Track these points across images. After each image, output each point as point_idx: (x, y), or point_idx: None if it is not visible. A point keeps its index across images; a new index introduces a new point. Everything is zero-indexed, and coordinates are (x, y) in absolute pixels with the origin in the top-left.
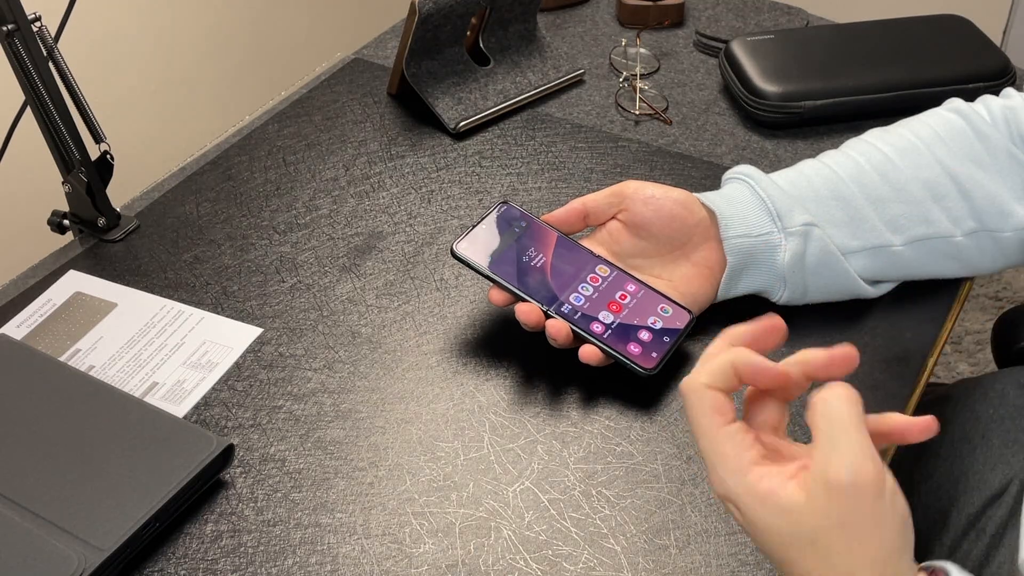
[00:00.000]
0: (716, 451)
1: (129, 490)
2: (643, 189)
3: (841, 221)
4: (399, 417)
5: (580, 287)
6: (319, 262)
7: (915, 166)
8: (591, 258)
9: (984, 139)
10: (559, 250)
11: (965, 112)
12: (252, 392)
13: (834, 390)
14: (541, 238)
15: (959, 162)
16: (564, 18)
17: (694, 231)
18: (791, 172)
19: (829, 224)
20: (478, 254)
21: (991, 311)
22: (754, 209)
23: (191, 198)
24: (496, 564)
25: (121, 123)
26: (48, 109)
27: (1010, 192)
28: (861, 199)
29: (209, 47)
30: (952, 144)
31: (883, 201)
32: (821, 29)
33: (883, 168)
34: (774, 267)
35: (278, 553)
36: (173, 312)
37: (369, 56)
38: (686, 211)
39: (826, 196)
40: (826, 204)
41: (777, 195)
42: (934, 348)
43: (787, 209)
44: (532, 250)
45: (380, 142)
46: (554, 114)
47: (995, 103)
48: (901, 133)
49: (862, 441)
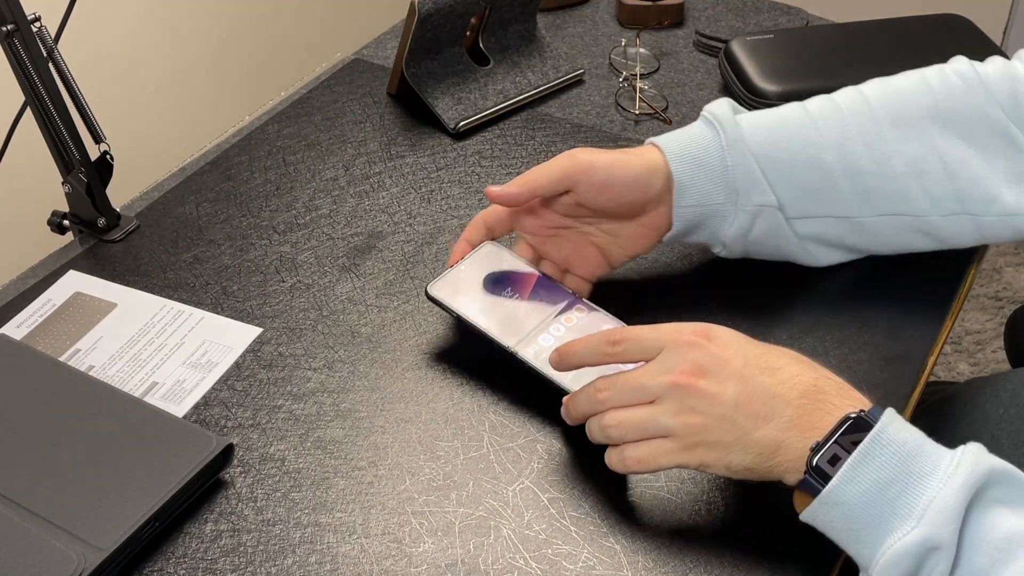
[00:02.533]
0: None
1: (129, 490)
2: (594, 172)
3: (811, 187)
4: (399, 416)
5: (552, 328)
6: (319, 262)
7: (903, 138)
8: (570, 298)
9: (983, 118)
10: (537, 290)
11: (971, 82)
12: (252, 392)
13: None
14: (519, 279)
15: (951, 140)
16: (564, 18)
17: (648, 204)
18: (774, 123)
19: (797, 188)
20: (451, 294)
21: (991, 311)
22: (715, 180)
23: (191, 198)
24: (496, 563)
25: (121, 123)
26: (48, 109)
27: (1000, 175)
28: (838, 170)
29: (209, 47)
30: (948, 119)
31: (861, 172)
32: (821, 29)
33: (869, 137)
34: (717, 233)
35: (278, 552)
36: (173, 312)
37: (369, 56)
38: (641, 192)
39: (802, 161)
40: (800, 169)
41: (744, 166)
42: (934, 348)
43: (748, 187)
44: (509, 290)
45: (380, 142)
46: (554, 114)
47: (1005, 73)
48: (899, 95)
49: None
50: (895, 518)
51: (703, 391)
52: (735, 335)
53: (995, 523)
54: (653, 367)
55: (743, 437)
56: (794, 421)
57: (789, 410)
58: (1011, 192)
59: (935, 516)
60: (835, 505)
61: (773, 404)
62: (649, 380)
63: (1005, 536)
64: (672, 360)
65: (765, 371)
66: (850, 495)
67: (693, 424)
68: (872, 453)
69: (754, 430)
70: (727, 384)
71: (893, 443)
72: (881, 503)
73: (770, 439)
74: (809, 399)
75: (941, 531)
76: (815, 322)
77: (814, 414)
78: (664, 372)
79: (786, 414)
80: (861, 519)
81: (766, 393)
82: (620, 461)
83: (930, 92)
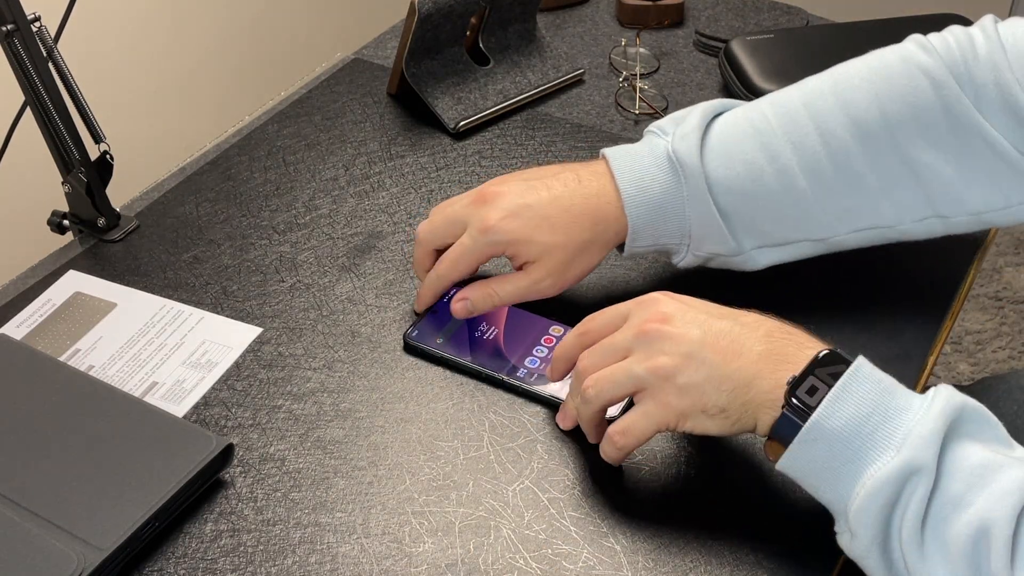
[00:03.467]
0: None
1: (129, 489)
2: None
3: (789, 216)
4: (399, 416)
5: (535, 351)
6: (319, 262)
7: (875, 152)
8: (544, 322)
9: (952, 117)
10: (511, 320)
11: (939, 80)
12: (252, 392)
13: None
14: (492, 312)
15: (920, 148)
16: (564, 18)
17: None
18: (748, 155)
19: (767, 227)
20: (430, 339)
21: (991, 311)
22: (670, 225)
23: (191, 198)
24: (496, 563)
25: (121, 123)
26: (48, 109)
27: (968, 175)
28: (811, 197)
29: (209, 47)
30: (917, 124)
31: (835, 194)
32: (821, 29)
33: (839, 158)
34: (668, 256)
35: (278, 552)
36: (173, 312)
37: (369, 56)
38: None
39: (777, 191)
40: (776, 199)
41: (703, 220)
42: (934, 348)
43: (703, 236)
44: (484, 325)
45: (380, 142)
46: (554, 114)
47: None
48: (865, 106)
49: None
50: (875, 449)
51: (668, 333)
52: (696, 299)
53: (968, 453)
54: (622, 327)
55: (713, 373)
56: (764, 354)
57: (759, 345)
58: (980, 191)
59: (916, 441)
60: (816, 440)
61: (741, 340)
62: (618, 336)
63: (979, 463)
64: (637, 315)
65: (727, 316)
66: (832, 426)
67: (663, 367)
68: (853, 385)
69: (724, 364)
70: (691, 327)
71: (872, 378)
72: (861, 436)
73: (742, 371)
74: (777, 334)
75: (921, 454)
76: (815, 323)
77: (786, 348)
78: (630, 327)
79: (756, 349)
80: (842, 454)
81: (730, 332)
82: (607, 442)
83: (899, 97)
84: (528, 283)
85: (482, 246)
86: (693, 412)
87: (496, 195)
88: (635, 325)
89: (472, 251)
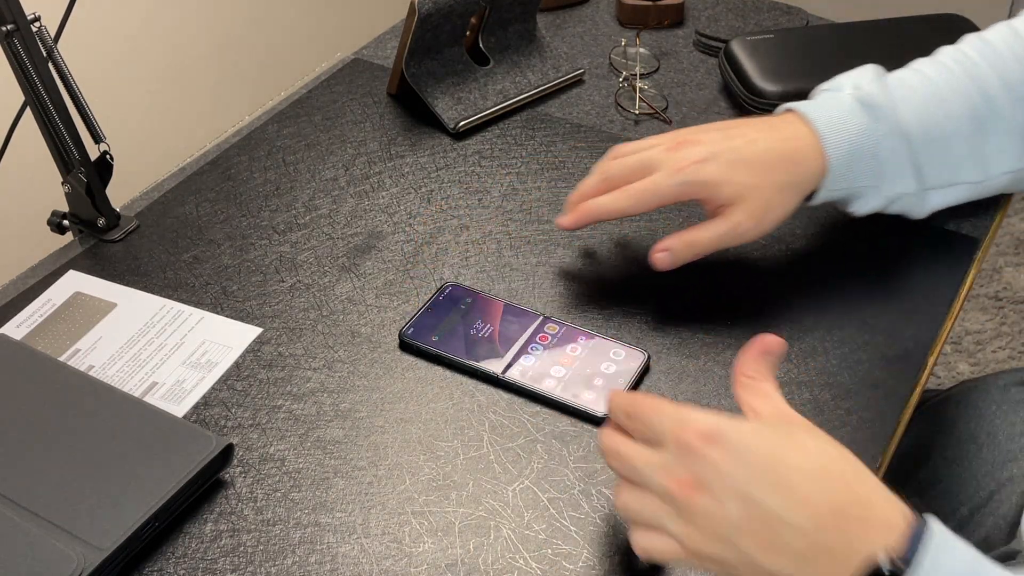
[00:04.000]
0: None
1: (128, 489)
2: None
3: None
4: (399, 416)
5: (531, 348)
6: (319, 262)
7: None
8: (540, 318)
9: None
10: (507, 317)
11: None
12: (252, 392)
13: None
14: (487, 309)
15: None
16: (564, 18)
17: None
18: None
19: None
20: (426, 337)
21: (991, 311)
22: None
23: (191, 198)
24: (496, 563)
25: (121, 123)
26: (48, 109)
27: None
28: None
29: (209, 47)
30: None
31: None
32: (821, 29)
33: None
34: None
35: (277, 552)
36: (173, 312)
37: (369, 56)
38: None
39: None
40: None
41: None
42: (934, 348)
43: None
44: (480, 322)
45: (380, 142)
46: (554, 114)
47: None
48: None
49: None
50: None
51: (699, 509)
52: (747, 432)
53: None
54: (653, 458)
55: (749, 563)
56: (804, 555)
57: (800, 541)
58: None
59: None
60: None
61: (782, 532)
62: (647, 472)
63: None
64: (670, 463)
65: (775, 489)
66: None
67: (695, 538)
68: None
69: (761, 558)
70: (727, 504)
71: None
72: None
73: (776, 569)
74: (825, 527)
75: None
76: (816, 322)
77: (831, 544)
78: (662, 472)
79: (796, 546)
80: None
81: (773, 518)
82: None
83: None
84: (728, 227)
85: (674, 185)
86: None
87: (692, 142)
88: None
89: (662, 188)
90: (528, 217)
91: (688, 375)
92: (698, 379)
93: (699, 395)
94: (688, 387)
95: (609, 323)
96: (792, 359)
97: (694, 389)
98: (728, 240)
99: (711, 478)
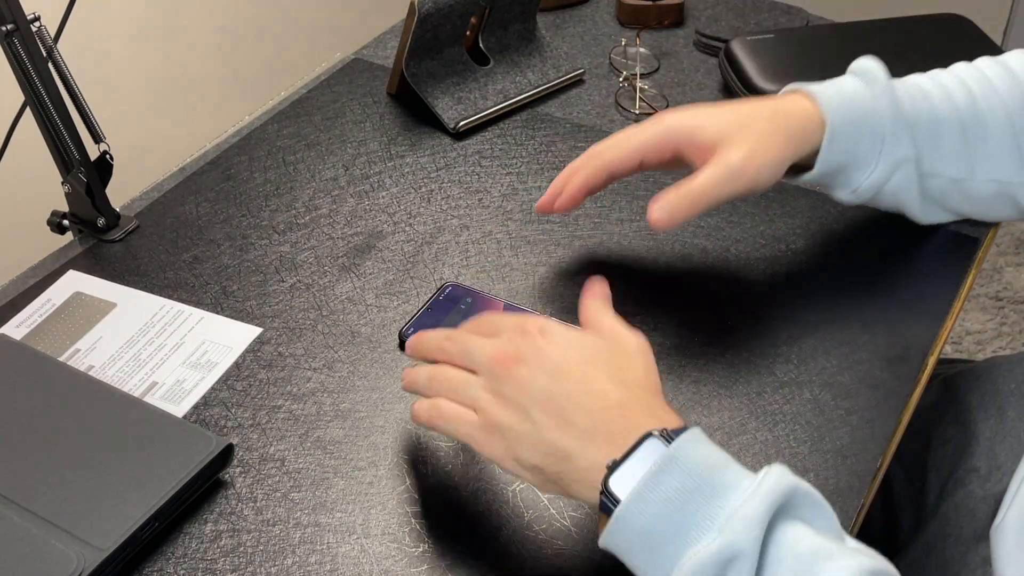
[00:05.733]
0: None
1: (128, 490)
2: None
3: (943, 145)
4: (399, 417)
5: None
6: (319, 262)
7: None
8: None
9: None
10: None
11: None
12: (251, 392)
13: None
14: (487, 309)
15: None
16: (564, 18)
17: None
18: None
19: (932, 143)
20: None
21: (991, 311)
22: (864, 127)
23: (191, 198)
24: (496, 564)
25: (121, 123)
26: (48, 109)
27: None
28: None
29: (209, 47)
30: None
31: (980, 137)
32: (821, 29)
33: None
34: (852, 181)
35: (277, 553)
36: (173, 312)
37: (369, 56)
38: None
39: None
40: (939, 123)
41: (892, 116)
42: (934, 348)
43: (895, 136)
44: None
45: (380, 142)
46: (554, 114)
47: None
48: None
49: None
50: (694, 530)
51: (513, 376)
52: (574, 337)
53: (799, 537)
54: (488, 341)
55: (535, 432)
56: (588, 432)
57: (586, 420)
58: None
59: (737, 524)
60: (627, 527)
61: (572, 410)
62: (477, 349)
63: (809, 550)
64: (504, 341)
65: (577, 377)
66: (643, 516)
67: (494, 404)
68: (666, 471)
69: (548, 429)
70: (537, 375)
71: (690, 460)
72: (680, 516)
73: (560, 444)
74: (609, 414)
75: (742, 538)
76: (816, 322)
77: (611, 428)
78: (491, 348)
79: (581, 424)
80: (658, 536)
81: (569, 397)
82: (426, 411)
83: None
84: (720, 167)
85: (656, 130)
86: (506, 458)
87: (676, 110)
88: (494, 350)
89: (644, 132)
90: (528, 217)
91: (688, 375)
92: (698, 379)
93: (699, 395)
94: (688, 387)
95: None
96: (792, 359)
97: (694, 389)
98: (724, 183)
99: (532, 355)
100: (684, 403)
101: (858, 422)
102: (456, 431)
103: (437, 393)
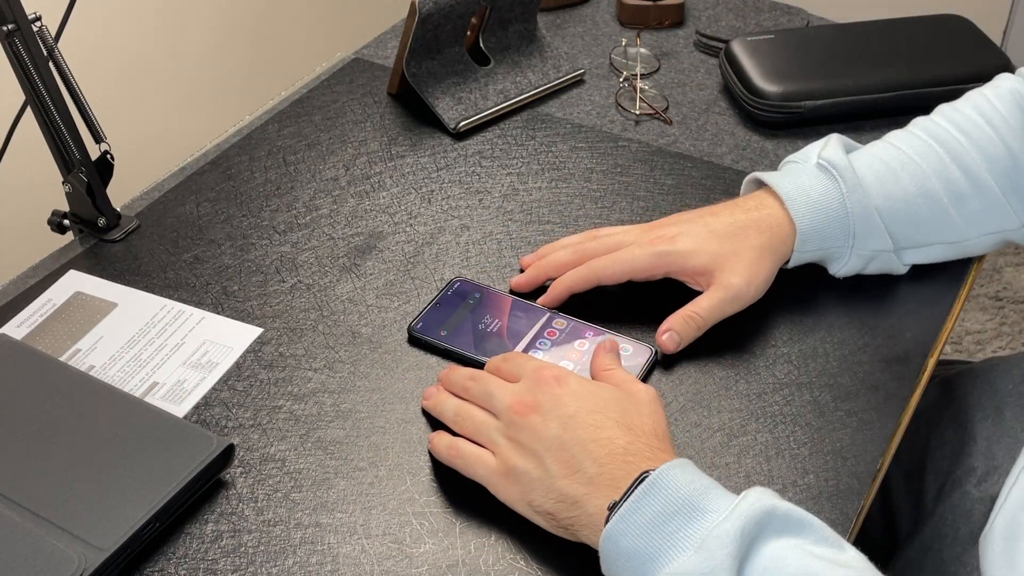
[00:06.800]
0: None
1: (129, 490)
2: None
3: (923, 219)
4: (399, 417)
5: (539, 343)
6: (319, 262)
7: (992, 159)
8: (547, 314)
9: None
10: (515, 313)
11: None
12: (252, 392)
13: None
14: (496, 304)
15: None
16: (564, 18)
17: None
18: (878, 163)
19: (910, 224)
20: (434, 331)
21: (991, 311)
22: (834, 226)
23: (191, 198)
24: (496, 564)
25: (121, 123)
26: (48, 109)
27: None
28: (945, 198)
29: (209, 47)
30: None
31: (964, 197)
32: (821, 29)
33: (964, 161)
34: (828, 267)
35: (278, 553)
36: (173, 312)
37: (369, 56)
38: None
39: (914, 194)
40: (913, 203)
41: (863, 213)
42: (934, 348)
43: (867, 232)
44: (488, 317)
45: (380, 142)
46: (554, 114)
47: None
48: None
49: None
50: (673, 550)
51: (529, 424)
52: (588, 387)
53: (784, 557)
54: (508, 387)
55: (547, 480)
56: (594, 479)
57: (593, 467)
58: None
59: (711, 543)
60: (615, 549)
61: (581, 458)
62: (498, 394)
63: (796, 571)
64: (523, 388)
65: (588, 426)
66: (627, 537)
67: (511, 449)
68: (649, 495)
69: (559, 477)
70: (551, 424)
71: (672, 484)
72: (660, 537)
73: (569, 491)
74: (615, 460)
75: (717, 555)
76: (816, 323)
77: (616, 474)
78: (511, 395)
79: (589, 471)
80: (641, 556)
81: (579, 445)
82: (446, 448)
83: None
84: (723, 291)
85: (649, 255)
86: (520, 503)
87: (664, 225)
88: (514, 396)
89: (638, 257)
90: (528, 217)
91: (688, 376)
92: (699, 380)
93: (700, 395)
94: (689, 388)
95: (609, 325)
96: (793, 361)
97: (695, 390)
98: (727, 304)
99: (549, 405)
100: (684, 403)
101: (858, 423)
102: (475, 473)
103: (462, 430)
